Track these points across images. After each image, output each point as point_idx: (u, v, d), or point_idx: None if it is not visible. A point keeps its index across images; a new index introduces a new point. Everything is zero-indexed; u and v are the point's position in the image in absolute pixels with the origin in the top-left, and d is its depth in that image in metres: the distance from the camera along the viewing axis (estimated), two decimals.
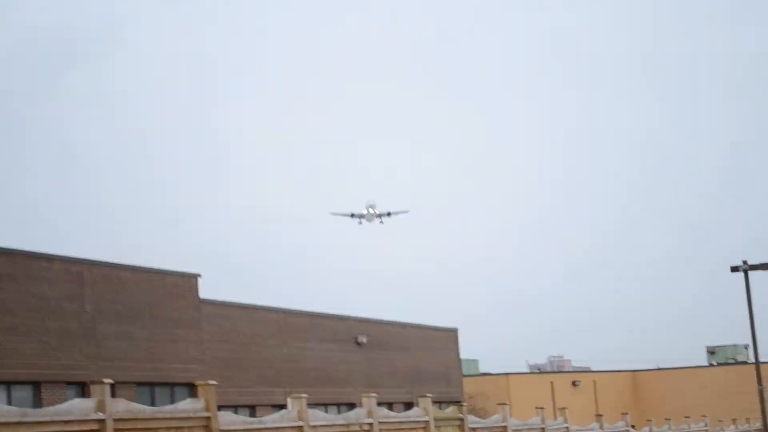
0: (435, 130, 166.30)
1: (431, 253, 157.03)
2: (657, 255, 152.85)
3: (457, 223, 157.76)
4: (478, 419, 26.63)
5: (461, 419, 24.95)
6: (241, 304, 49.55)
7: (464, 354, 71.45)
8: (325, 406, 46.28)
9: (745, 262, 52.27)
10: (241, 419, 17.15)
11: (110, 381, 14.17)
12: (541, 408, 29.80)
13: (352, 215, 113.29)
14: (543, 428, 29.48)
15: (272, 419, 17.96)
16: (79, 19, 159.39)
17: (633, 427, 37.48)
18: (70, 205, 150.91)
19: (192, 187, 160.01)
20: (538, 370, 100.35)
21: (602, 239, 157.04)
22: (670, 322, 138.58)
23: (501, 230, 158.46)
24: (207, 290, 46.75)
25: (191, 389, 41.21)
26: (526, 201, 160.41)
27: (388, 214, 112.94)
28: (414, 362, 61.53)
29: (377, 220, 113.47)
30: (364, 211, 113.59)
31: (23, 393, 35.99)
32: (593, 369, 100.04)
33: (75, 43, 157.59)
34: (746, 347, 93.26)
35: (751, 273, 52.10)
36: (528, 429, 28.73)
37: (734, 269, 53.08)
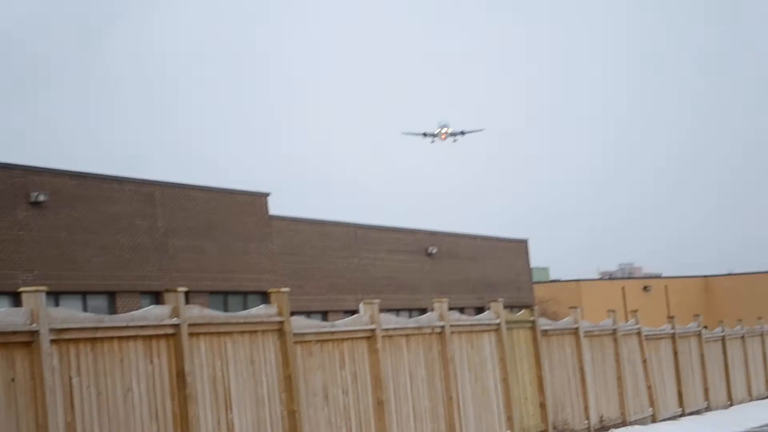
0: (513, 56, 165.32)
1: (502, 168, 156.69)
2: (735, 164, 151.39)
3: (526, 143, 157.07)
4: (549, 321, 26.69)
5: (533, 321, 25.03)
6: (312, 219, 49.96)
7: (535, 262, 71.55)
8: (396, 311, 46.80)
9: None
10: (315, 323, 17.34)
11: (184, 289, 14.41)
12: (612, 311, 29.77)
13: (425, 134, 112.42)
14: (615, 329, 29.46)
15: (344, 323, 18.14)
16: None
17: (705, 327, 37.34)
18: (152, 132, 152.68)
19: (270, 108, 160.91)
20: (609, 277, 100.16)
21: (679, 151, 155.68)
22: (741, 233, 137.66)
23: (572, 148, 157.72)
24: (279, 209, 47.37)
25: (264, 297, 41.94)
26: (601, 122, 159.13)
27: (462, 132, 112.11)
28: (484, 271, 61.73)
29: (451, 139, 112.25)
30: (437, 130, 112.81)
31: (99, 302, 36.93)
32: (665, 275, 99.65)
33: None
34: None
35: None
36: (600, 330, 28.72)
37: None
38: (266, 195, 46.67)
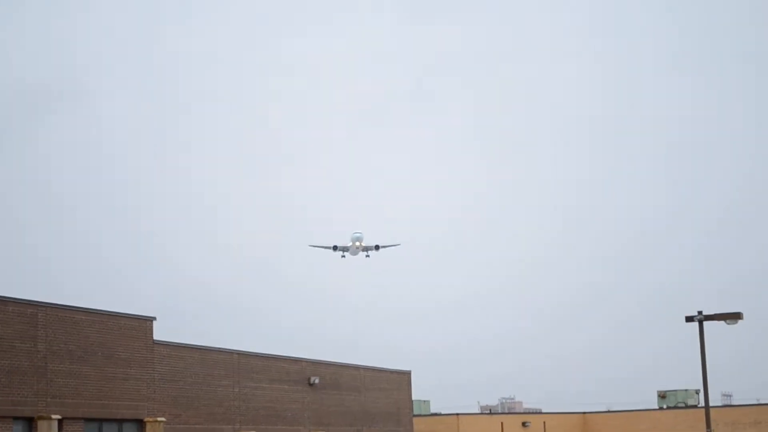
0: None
1: (389, 295, 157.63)
2: (613, 304, 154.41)
3: (413, 265, 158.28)
4: None
5: None
6: (195, 345, 50.09)
7: (417, 395, 72.05)
8: None
9: (700, 312, 53.05)
10: None
11: (58, 416, 14.70)
12: None
13: (335, 248, 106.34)
14: None
15: None
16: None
17: None
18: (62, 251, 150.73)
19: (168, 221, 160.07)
20: (489, 411, 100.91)
21: (558, 288, 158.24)
22: (623, 367, 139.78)
23: (459, 275, 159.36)
24: (163, 333, 47.47)
25: (140, 425, 41.91)
26: (490, 248, 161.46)
27: (377, 247, 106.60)
28: (365, 403, 62.15)
29: (363, 254, 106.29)
30: (349, 244, 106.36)
31: None
32: (544, 411, 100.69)
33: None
34: (697, 392, 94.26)
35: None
36: None
37: (689, 319, 53.76)
38: (152, 319, 46.83)
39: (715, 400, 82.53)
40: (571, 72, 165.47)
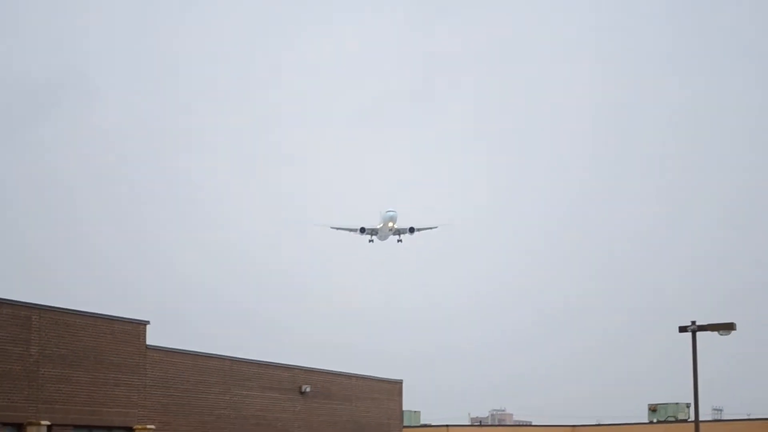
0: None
1: (385, 299, 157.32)
2: (604, 314, 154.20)
3: (405, 274, 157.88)
4: None
5: None
6: (188, 351, 49.82)
7: (407, 405, 71.76)
8: None
9: (693, 323, 52.56)
10: None
11: (47, 423, 14.46)
12: None
13: (362, 230, 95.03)
14: None
15: None
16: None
17: None
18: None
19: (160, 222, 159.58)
20: (480, 423, 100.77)
21: (551, 298, 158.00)
22: (613, 379, 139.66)
23: (452, 284, 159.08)
24: (156, 337, 47.18)
25: None
26: (484, 257, 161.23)
27: (411, 230, 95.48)
28: (356, 412, 61.90)
29: (395, 238, 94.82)
30: (379, 225, 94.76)
31: None
32: (534, 423, 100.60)
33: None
34: (688, 405, 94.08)
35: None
36: None
37: (683, 329, 53.30)
38: (145, 323, 46.56)
39: (705, 414, 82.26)
40: (571, 76, 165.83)
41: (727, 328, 50.74)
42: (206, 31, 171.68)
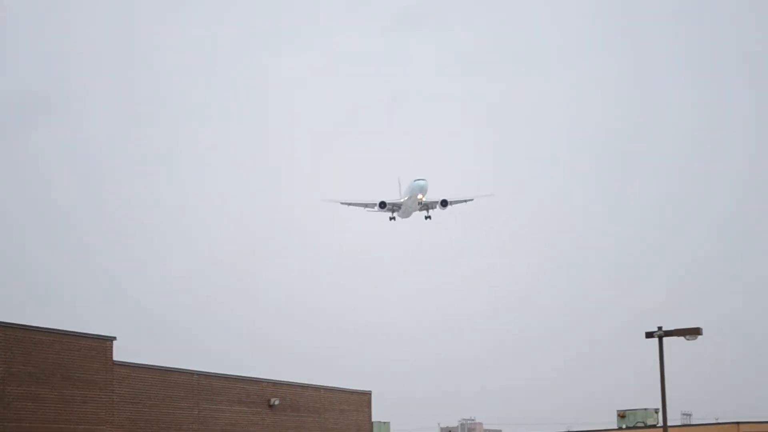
0: None
1: (347, 316, 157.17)
2: (571, 320, 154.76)
3: (373, 284, 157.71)
4: None
5: None
6: (156, 366, 49.71)
7: (377, 416, 71.78)
8: None
9: (660, 328, 52.82)
10: None
11: None
12: None
13: (383, 205, 79.94)
14: None
15: None
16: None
17: None
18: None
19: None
20: None
21: (516, 305, 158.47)
22: (582, 386, 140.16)
23: (417, 298, 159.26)
24: (123, 353, 47.11)
25: None
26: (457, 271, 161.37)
27: (443, 203, 79.79)
28: (324, 424, 61.92)
29: (422, 214, 79.14)
30: (402, 199, 78.93)
31: None
32: None
33: None
34: (656, 411, 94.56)
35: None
36: None
37: (649, 335, 53.51)
38: (112, 339, 46.43)
39: (674, 419, 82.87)
40: (572, 86, 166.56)
41: (694, 333, 51.11)
42: (194, 38, 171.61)
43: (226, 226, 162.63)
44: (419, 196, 76.34)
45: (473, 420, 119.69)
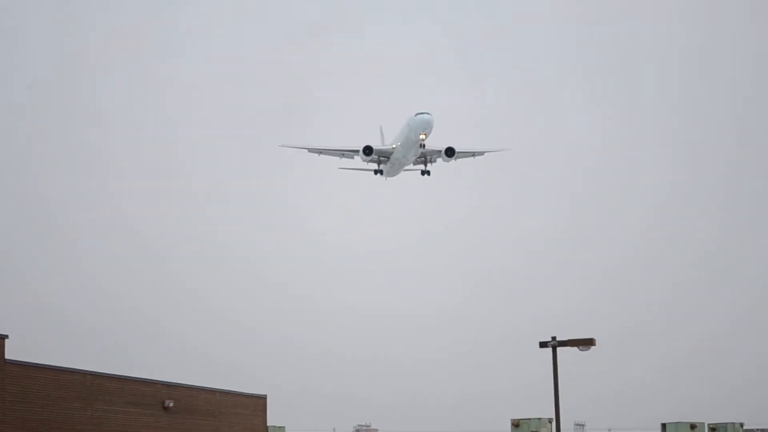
0: None
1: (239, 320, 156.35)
2: (465, 328, 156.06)
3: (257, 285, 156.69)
4: None
5: None
6: (48, 365, 49.02)
7: (272, 420, 71.60)
8: None
9: (554, 338, 53.50)
10: None
11: None
12: None
13: (368, 151, 62.25)
14: None
15: None
16: None
17: None
18: None
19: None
20: None
21: (409, 308, 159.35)
22: (475, 394, 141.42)
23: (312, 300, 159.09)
24: (16, 352, 46.33)
25: None
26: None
27: (449, 151, 65.32)
28: (220, 428, 61.56)
29: (421, 167, 63.68)
30: (395, 144, 62.29)
31: None
32: None
33: None
34: (550, 421, 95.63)
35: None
36: None
37: (543, 345, 54.20)
38: (4, 337, 45.67)
39: (567, 428, 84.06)
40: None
41: (587, 343, 51.91)
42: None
43: (127, 221, 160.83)
44: (421, 136, 62.67)
45: (368, 426, 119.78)
